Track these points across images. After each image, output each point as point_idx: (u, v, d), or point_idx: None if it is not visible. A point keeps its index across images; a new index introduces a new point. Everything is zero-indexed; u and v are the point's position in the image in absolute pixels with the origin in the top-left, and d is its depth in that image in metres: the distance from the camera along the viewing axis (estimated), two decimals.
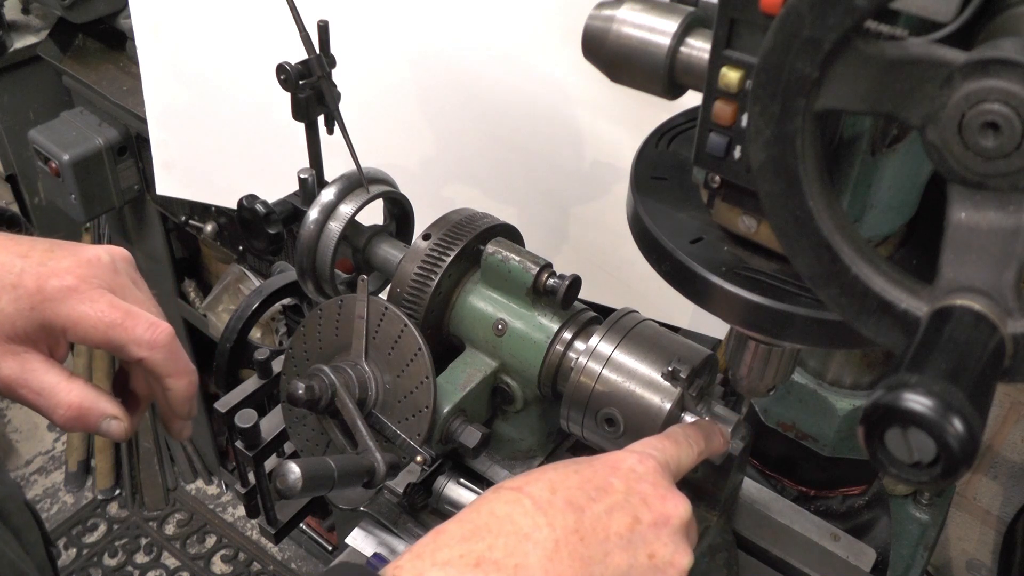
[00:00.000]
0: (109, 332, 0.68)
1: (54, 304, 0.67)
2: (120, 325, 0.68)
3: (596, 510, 0.62)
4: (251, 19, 1.44)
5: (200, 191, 1.66)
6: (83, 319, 0.67)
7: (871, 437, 0.43)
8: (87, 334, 0.68)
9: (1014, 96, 0.42)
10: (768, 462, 1.22)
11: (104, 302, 0.68)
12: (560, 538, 0.60)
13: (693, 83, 0.64)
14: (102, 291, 0.69)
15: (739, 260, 0.67)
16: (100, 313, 0.67)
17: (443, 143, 1.40)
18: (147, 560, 2.63)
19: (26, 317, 0.66)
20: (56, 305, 0.67)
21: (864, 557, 0.98)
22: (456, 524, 0.61)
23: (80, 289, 0.67)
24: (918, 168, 0.65)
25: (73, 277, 0.67)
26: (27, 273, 0.67)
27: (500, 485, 0.65)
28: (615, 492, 0.64)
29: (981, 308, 0.45)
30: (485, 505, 0.62)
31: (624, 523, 0.63)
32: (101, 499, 2.75)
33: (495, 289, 0.91)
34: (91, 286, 0.68)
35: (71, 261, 0.69)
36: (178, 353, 0.72)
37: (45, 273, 0.67)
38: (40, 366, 0.68)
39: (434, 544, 0.59)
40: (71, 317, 0.67)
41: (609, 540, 0.61)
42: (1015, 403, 1.50)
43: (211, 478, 2.81)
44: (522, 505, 0.61)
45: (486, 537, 0.59)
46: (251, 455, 0.95)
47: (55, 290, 0.67)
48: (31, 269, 0.67)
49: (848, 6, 0.46)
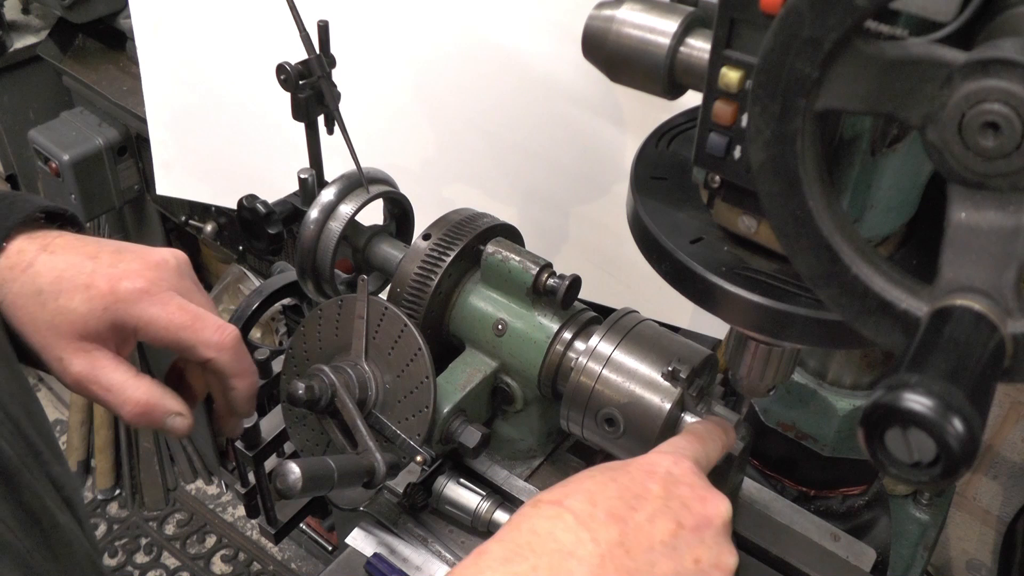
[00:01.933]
0: (180, 334, 0.70)
1: (126, 305, 0.69)
2: (190, 327, 0.70)
3: (638, 519, 0.61)
4: (251, 19, 1.44)
5: (200, 191, 1.66)
6: (154, 321, 0.69)
7: (871, 437, 0.43)
8: (158, 335, 0.70)
9: (1014, 96, 0.42)
10: (768, 462, 1.22)
11: (174, 305, 0.70)
12: (605, 552, 0.59)
13: (693, 83, 0.64)
14: (172, 294, 0.71)
15: (739, 260, 0.67)
16: (171, 315, 0.70)
17: (443, 143, 1.40)
18: (147, 560, 2.63)
19: (98, 317, 0.68)
20: (128, 306, 0.69)
21: (864, 557, 0.98)
22: (497, 544, 0.60)
23: (151, 291, 0.70)
24: (918, 168, 0.65)
25: (144, 280, 0.70)
26: (98, 274, 0.69)
27: (538, 499, 0.63)
28: (655, 498, 0.63)
29: (981, 308, 0.45)
30: (525, 522, 0.61)
31: (667, 530, 0.62)
32: (101, 499, 2.75)
33: (495, 289, 0.91)
34: (161, 288, 0.70)
35: (140, 264, 0.71)
36: (243, 354, 0.74)
37: (116, 275, 0.69)
38: (109, 364, 0.70)
39: (476, 567, 0.58)
40: (143, 318, 0.69)
41: (654, 549, 0.60)
42: (1015, 403, 1.50)
43: (211, 478, 2.81)
44: (564, 520, 0.60)
45: (529, 557, 0.58)
46: (251, 455, 0.95)
47: (127, 292, 0.69)
48: (102, 270, 0.69)
49: (848, 6, 0.46)
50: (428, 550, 0.91)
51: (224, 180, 1.60)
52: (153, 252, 0.73)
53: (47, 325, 0.68)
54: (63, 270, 0.68)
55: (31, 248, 0.69)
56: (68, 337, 0.68)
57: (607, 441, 0.85)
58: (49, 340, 0.68)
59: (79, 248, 0.70)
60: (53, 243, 0.70)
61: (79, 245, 0.71)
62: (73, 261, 0.69)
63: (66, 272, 0.68)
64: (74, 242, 0.71)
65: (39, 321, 0.68)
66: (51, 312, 0.68)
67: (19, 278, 0.68)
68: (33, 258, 0.69)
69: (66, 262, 0.69)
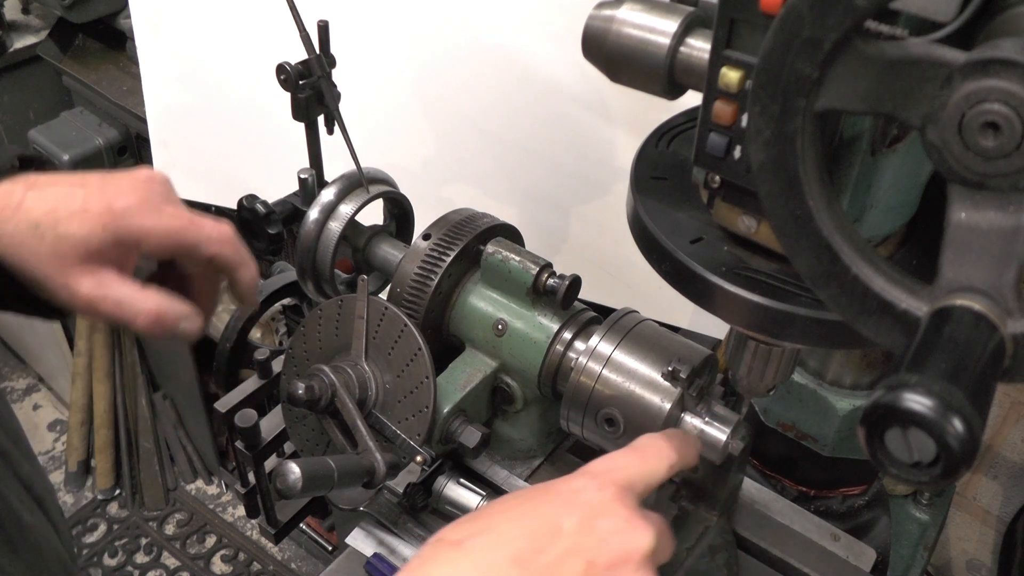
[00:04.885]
0: (180, 236, 0.73)
1: (125, 220, 0.71)
2: (190, 228, 0.73)
3: (544, 561, 0.58)
4: (251, 19, 1.44)
5: (200, 191, 1.66)
6: (155, 229, 0.72)
7: (871, 437, 0.43)
8: (160, 242, 0.73)
9: (1014, 96, 0.42)
10: (768, 462, 1.22)
11: (169, 211, 0.73)
12: None
13: (693, 83, 0.64)
14: (165, 203, 0.74)
15: (739, 260, 0.67)
16: (169, 221, 0.73)
17: (443, 143, 1.40)
18: (147, 560, 2.63)
19: (99, 237, 0.70)
20: (127, 221, 0.71)
21: (864, 557, 0.98)
22: None
23: (145, 204, 0.72)
24: (918, 168, 0.65)
25: (136, 195, 0.72)
26: (91, 198, 0.70)
27: (440, 537, 0.60)
28: (567, 535, 0.59)
29: (981, 308, 0.45)
30: (423, 567, 0.58)
31: (576, 570, 0.58)
32: (101, 499, 2.75)
33: (495, 289, 0.91)
34: (154, 200, 0.73)
35: (129, 182, 0.73)
36: (241, 246, 0.78)
37: (109, 194, 0.71)
38: (115, 280, 0.72)
39: None
40: (143, 229, 0.71)
41: None
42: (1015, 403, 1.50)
43: (211, 478, 2.81)
44: (459, 569, 0.57)
45: None
46: (251, 455, 0.95)
47: (123, 208, 0.71)
48: (94, 194, 0.71)
49: (848, 6, 0.46)
50: None
51: (224, 180, 1.59)
52: (137, 171, 0.75)
53: (49, 256, 0.69)
54: (55, 201, 0.70)
55: (17, 189, 0.70)
56: (72, 262, 0.70)
57: (607, 441, 0.85)
58: (53, 269, 0.70)
59: (64, 180, 0.72)
60: (37, 181, 0.71)
61: (63, 178, 0.72)
62: (63, 192, 0.70)
63: (59, 202, 0.70)
64: (57, 177, 0.72)
65: (40, 254, 0.69)
66: (51, 242, 0.69)
67: (12, 217, 0.69)
68: (21, 197, 0.70)
69: (56, 194, 0.70)
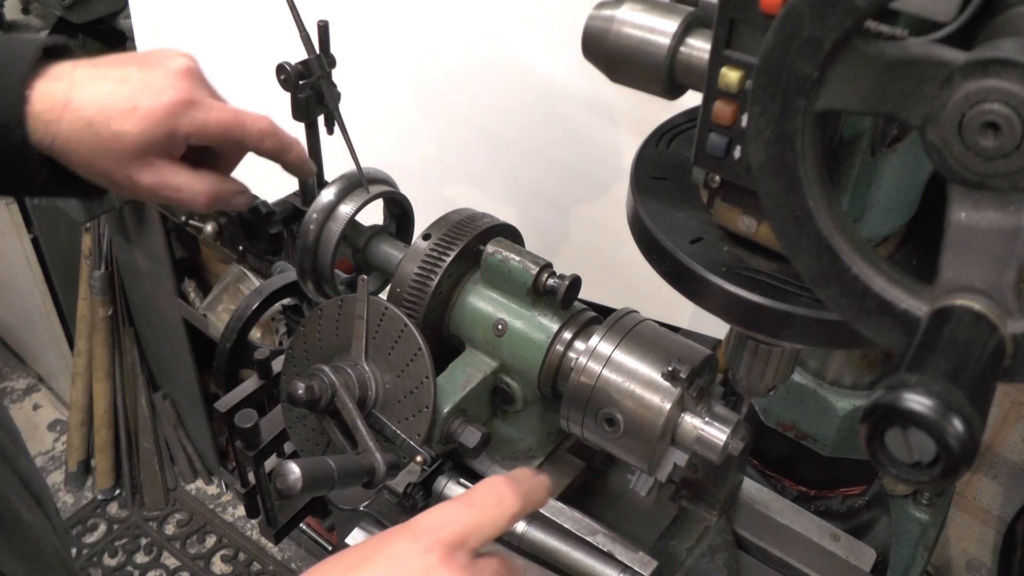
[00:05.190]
0: (227, 133, 0.79)
1: (175, 118, 0.75)
2: (236, 124, 0.79)
3: None
4: (251, 19, 1.44)
5: None
6: (205, 125, 0.77)
7: (871, 437, 0.43)
8: (208, 136, 0.78)
9: (1014, 96, 0.42)
10: (768, 462, 1.22)
11: (217, 108, 0.78)
12: None
13: (693, 83, 0.64)
14: (209, 97, 0.79)
15: (739, 260, 0.67)
16: (217, 117, 0.78)
17: (443, 143, 1.40)
18: (147, 560, 2.63)
19: (152, 134, 0.75)
20: (177, 119, 0.76)
21: (864, 557, 0.98)
22: None
23: (193, 100, 0.76)
24: (918, 168, 0.65)
25: (182, 90, 0.76)
26: (138, 94, 0.74)
27: None
28: None
29: (981, 308, 0.45)
30: None
31: None
32: (101, 499, 2.75)
33: (495, 289, 0.91)
34: (198, 95, 0.78)
35: (170, 76, 0.76)
36: (282, 132, 0.83)
37: (155, 90, 0.75)
38: (170, 168, 0.78)
39: None
40: (193, 125, 0.77)
41: None
42: (1015, 403, 1.50)
43: (211, 478, 2.81)
44: None
45: None
46: (251, 455, 0.95)
47: (172, 105, 0.75)
48: (140, 90, 0.75)
49: (848, 6, 0.46)
50: None
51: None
52: (170, 60, 0.78)
53: (107, 152, 0.75)
54: (103, 99, 0.74)
55: (58, 87, 0.73)
56: (130, 157, 0.75)
57: (607, 441, 0.85)
58: (113, 164, 0.75)
59: (103, 75, 0.75)
60: (74, 77, 0.74)
61: (101, 73, 0.75)
62: (107, 89, 0.74)
63: (107, 100, 0.74)
64: (93, 71, 0.75)
65: (99, 149, 0.74)
66: (107, 139, 0.74)
67: (63, 116, 0.73)
68: (67, 96, 0.73)
69: (102, 91, 0.74)
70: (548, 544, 0.87)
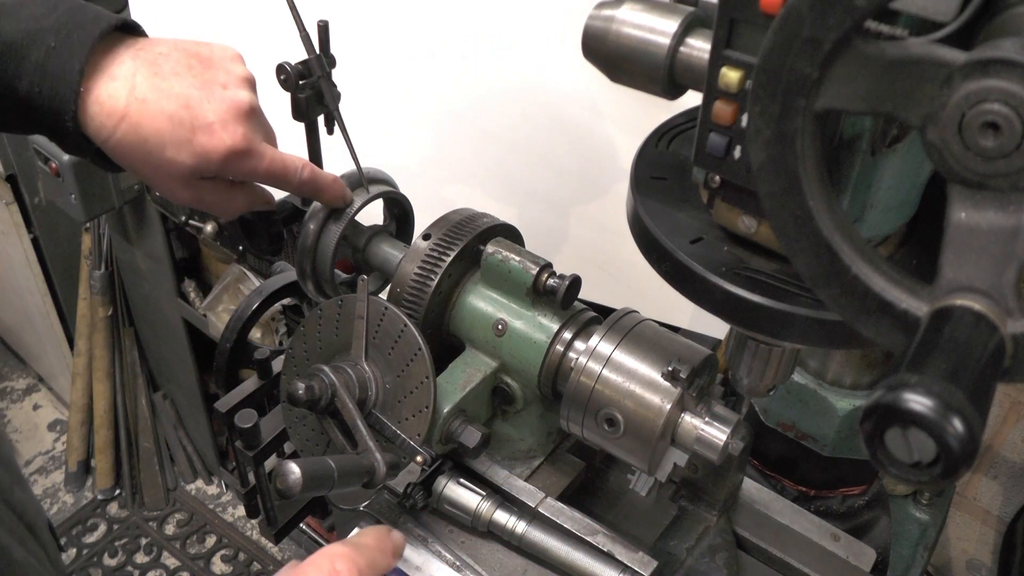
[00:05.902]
0: (271, 182, 0.84)
1: (227, 163, 0.79)
2: (282, 178, 0.84)
3: None
4: (251, 19, 1.44)
5: None
6: (252, 174, 0.82)
7: (871, 437, 0.43)
8: (253, 179, 0.84)
9: (1014, 96, 0.42)
10: (768, 462, 1.22)
11: (267, 159, 0.82)
12: None
13: (693, 83, 0.64)
14: (263, 142, 0.82)
15: (739, 260, 0.67)
16: (267, 168, 0.82)
17: (443, 143, 1.40)
18: (147, 560, 2.63)
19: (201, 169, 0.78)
20: (228, 164, 0.79)
21: (864, 557, 0.98)
22: None
23: (248, 150, 0.79)
24: (918, 168, 0.65)
25: (239, 139, 0.78)
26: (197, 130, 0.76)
27: None
28: None
29: (981, 308, 0.45)
30: None
31: None
32: (101, 499, 2.75)
33: (495, 289, 0.91)
34: (254, 143, 0.80)
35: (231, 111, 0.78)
36: (320, 176, 0.89)
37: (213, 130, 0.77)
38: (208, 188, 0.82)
39: None
40: (242, 172, 0.81)
41: None
42: (1015, 403, 1.50)
43: (211, 478, 2.81)
44: None
45: None
46: (251, 455, 0.95)
47: (228, 151, 0.78)
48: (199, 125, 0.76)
49: (848, 6, 0.46)
50: (428, 550, 0.91)
51: None
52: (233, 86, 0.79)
53: (157, 171, 0.78)
54: (161, 124, 0.75)
55: (118, 92, 0.74)
56: (178, 180, 0.79)
57: (607, 441, 0.85)
58: (160, 181, 0.79)
59: (165, 92, 0.75)
60: (135, 82, 0.75)
61: (163, 87, 0.75)
62: (167, 110, 0.75)
63: (165, 126, 0.75)
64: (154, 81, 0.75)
65: (150, 166, 0.77)
66: (159, 162, 0.76)
67: (119, 126, 0.74)
68: (126, 106, 0.74)
69: (161, 114, 0.75)
70: (548, 544, 0.87)
